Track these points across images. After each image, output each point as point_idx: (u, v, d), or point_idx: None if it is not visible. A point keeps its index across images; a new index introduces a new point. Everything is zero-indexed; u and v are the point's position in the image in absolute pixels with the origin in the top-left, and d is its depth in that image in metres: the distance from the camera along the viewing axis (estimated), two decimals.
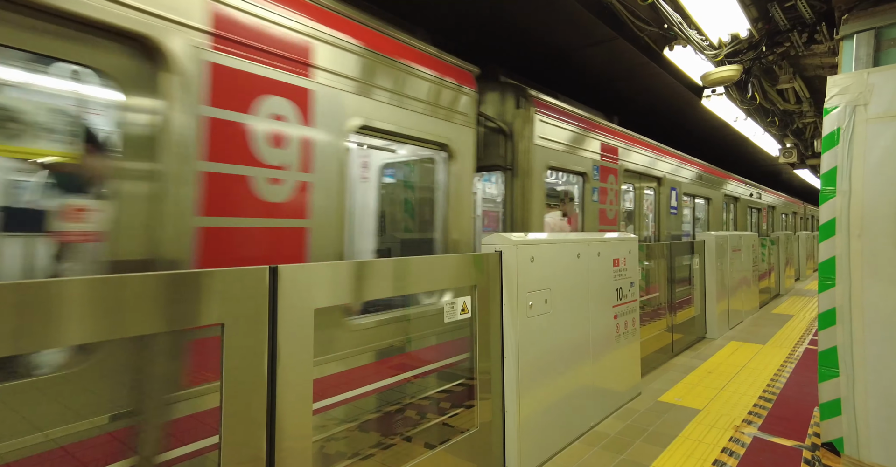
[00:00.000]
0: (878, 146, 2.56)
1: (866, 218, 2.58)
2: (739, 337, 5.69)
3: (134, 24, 1.66)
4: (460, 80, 3.17)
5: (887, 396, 2.49)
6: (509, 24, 5.03)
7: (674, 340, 4.88)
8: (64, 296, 1.12)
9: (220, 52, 1.91)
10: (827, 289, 2.69)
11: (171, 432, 1.67)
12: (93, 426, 1.51)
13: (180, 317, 1.31)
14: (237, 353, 1.40)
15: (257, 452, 1.43)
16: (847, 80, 2.67)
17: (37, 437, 1.41)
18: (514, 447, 2.44)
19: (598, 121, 4.74)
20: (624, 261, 3.50)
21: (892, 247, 2.50)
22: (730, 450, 2.75)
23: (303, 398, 1.55)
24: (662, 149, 6.20)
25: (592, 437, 2.91)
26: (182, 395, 1.70)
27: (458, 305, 2.33)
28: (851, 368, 2.59)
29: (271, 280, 1.48)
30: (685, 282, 5.38)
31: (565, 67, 6.18)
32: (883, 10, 3.15)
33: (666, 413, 3.30)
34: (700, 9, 4.09)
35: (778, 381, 4.01)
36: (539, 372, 2.61)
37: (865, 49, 3.16)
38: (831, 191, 2.70)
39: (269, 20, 2.09)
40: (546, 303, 2.67)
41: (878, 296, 2.53)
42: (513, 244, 2.48)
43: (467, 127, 3.21)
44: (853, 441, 2.57)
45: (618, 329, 3.40)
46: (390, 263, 1.96)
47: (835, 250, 2.67)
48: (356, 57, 2.47)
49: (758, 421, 3.18)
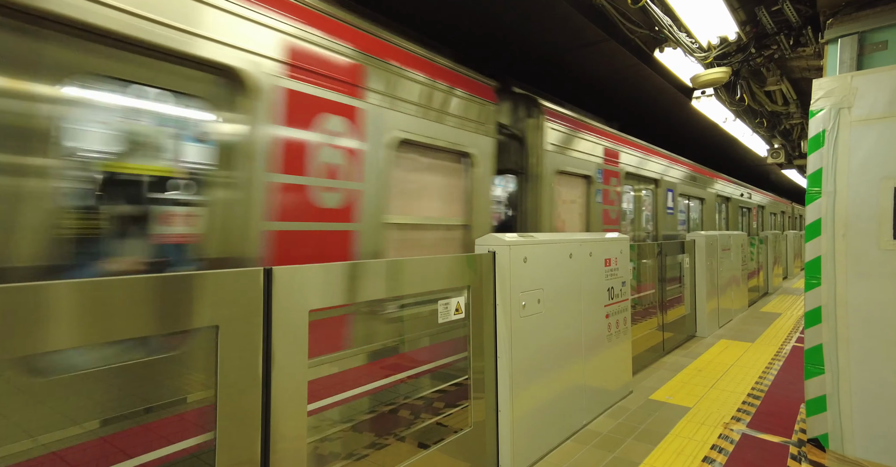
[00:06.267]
0: (861, 148, 2.62)
1: (851, 218, 2.63)
2: (729, 335, 5.77)
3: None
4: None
5: (871, 393, 2.55)
6: (501, 24, 5.05)
7: (664, 339, 4.93)
8: (55, 299, 1.12)
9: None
10: (813, 288, 2.75)
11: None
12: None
13: (174, 319, 1.31)
14: (232, 355, 1.40)
15: (252, 454, 1.44)
16: (832, 84, 2.73)
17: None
18: (507, 446, 2.46)
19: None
20: (615, 261, 3.54)
21: (876, 247, 2.56)
22: (719, 447, 2.80)
23: (297, 399, 1.56)
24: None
25: (585, 435, 2.94)
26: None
27: (452, 305, 2.34)
28: (836, 366, 2.65)
29: (265, 282, 1.49)
30: (676, 280, 5.45)
31: (556, 69, 6.21)
32: (866, 15, 3.21)
33: (657, 411, 3.34)
34: (689, 12, 4.14)
35: (766, 379, 4.08)
36: (532, 371, 2.64)
37: (849, 53, 3.23)
38: (817, 192, 2.75)
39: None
40: (539, 302, 2.70)
41: (862, 294, 2.59)
42: (506, 245, 2.50)
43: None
44: (838, 436, 2.62)
45: (609, 328, 3.44)
46: (384, 264, 1.97)
47: (820, 250, 2.73)
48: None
49: (746, 418, 3.23)
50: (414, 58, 2.89)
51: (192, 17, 1.86)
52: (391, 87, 2.70)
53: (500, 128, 3.84)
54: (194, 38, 1.86)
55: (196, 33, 1.87)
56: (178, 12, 1.82)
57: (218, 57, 1.93)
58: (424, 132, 2.92)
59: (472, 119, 3.32)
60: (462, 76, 3.29)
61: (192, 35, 1.86)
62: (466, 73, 3.33)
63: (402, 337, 2.69)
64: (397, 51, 2.78)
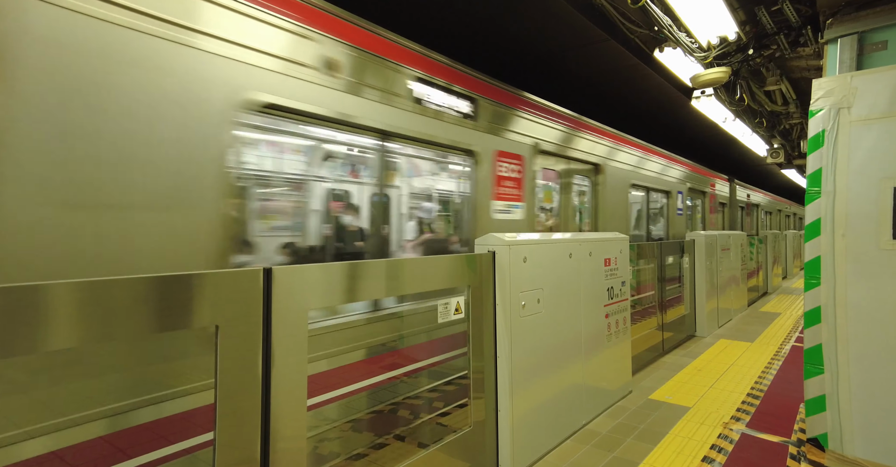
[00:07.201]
0: (861, 148, 2.62)
1: (850, 218, 2.64)
2: (728, 335, 5.77)
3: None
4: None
5: (870, 392, 2.55)
6: (500, 24, 5.05)
7: (664, 338, 4.94)
8: (53, 299, 1.11)
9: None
10: (812, 288, 2.75)
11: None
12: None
13: (173, 319, 1.31)
14: (231, 355, 1.40)
15: (251, 453, 1.44)
16: (831, 84, 2.73)
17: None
18: (507, 445, 2.46)
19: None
20: (615, 261, 3.54)
21: (875, 246, 2.56)
22: (718, 447, 2.80)
23: (297, 399, 1.55)
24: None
25: (584, 435, 2.95)
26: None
27: (452, 305, 2.34)
28: (836, 365, 2.65)
29: (265, 282, 1.49)
30: (675, 280, 5.45)
31: (556, 68, 6.21)
32: (866, 15, 3.22)
33: (656, 410, 3.35)
34: (689, 12, 4.14)
35: (765, 379, 4.08)
36: (532, 371, 2.64)
37: (849, 53, 3.23)
38: (817, 192, 2.75)
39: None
40: (538, 302, 2.70)
41: (862, 294, 2.59)
42: (505, 244, 2.50)
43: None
44: (837, 436, 2.63)
45: (609, 328, 3.44)
46: (383, 264, 1.97)
47: (820, 250, 2.73)
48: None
49: (745, 417, 3.23)
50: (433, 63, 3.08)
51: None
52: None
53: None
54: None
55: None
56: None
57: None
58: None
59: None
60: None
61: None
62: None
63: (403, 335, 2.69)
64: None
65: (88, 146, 1.69)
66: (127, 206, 1.77)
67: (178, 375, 1.85)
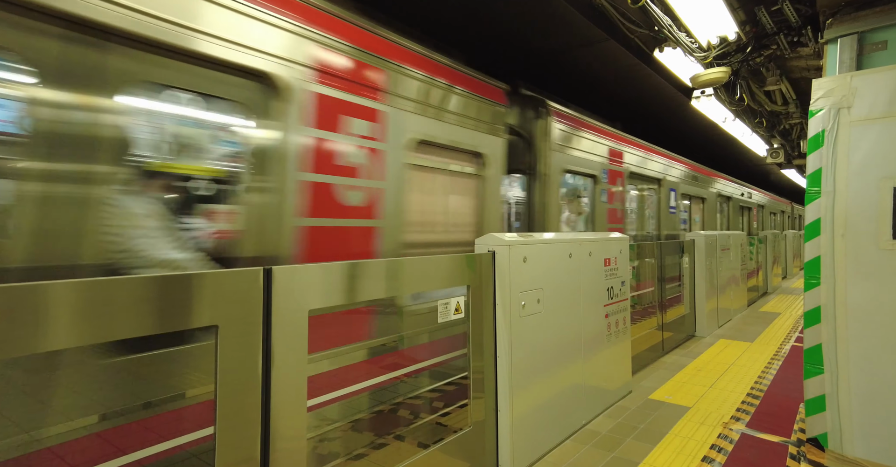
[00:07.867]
0: (860, 148, 2.62)
1: (850, 218, 2.64)
2: (728, 335, 5.77)
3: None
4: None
5: (870, 392, 2.55)
6: (500, 23, 5.05)
7: (664, 338, 4.94)
8: (55, 298, 1.12)
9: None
10: (812, 287, 2.75)
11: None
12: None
13: (174, 319, 1.31)
14: (231, 355, 1.40)
15: (252, 453, 1.44)
16: (831, 84, 2.73)
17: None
18: (507, 445, 2.46)
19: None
20: (615, 261, 3.54)
21: (875, 246, 2.56)
22: (718, 447, 2.80)
23: (297, 399, 1.56)
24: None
25: (584, 435, 2.95)
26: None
27: (452, 305, 2.34)
28: (835, 365, 2.65)
29: (265, 281, 1.49)
30: (675, 279, 5.45)
31: (556, 68, 6.21)
32: (866, 15, 3.22)
33: (656, 410, 3.35)
34: (689, 11, 4.14)
35: (765, 378, 4.08)
36: (531, 371, 2.64)
37: (849, 53, 3.23)
38: (816, 192, 2.75)
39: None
40: (538, 302, 2.70)
41: (861, 294, 2.59)
42: (505, 244, 2.50)
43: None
44: (837, 436, 2.63)
45: (609, 328, 3.44)
46: (383, 264, 1.97)
47: (820, 250, 2.73)
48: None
49: (745, 417, 3.23)
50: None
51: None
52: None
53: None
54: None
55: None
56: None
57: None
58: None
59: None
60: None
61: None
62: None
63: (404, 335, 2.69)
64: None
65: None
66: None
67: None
